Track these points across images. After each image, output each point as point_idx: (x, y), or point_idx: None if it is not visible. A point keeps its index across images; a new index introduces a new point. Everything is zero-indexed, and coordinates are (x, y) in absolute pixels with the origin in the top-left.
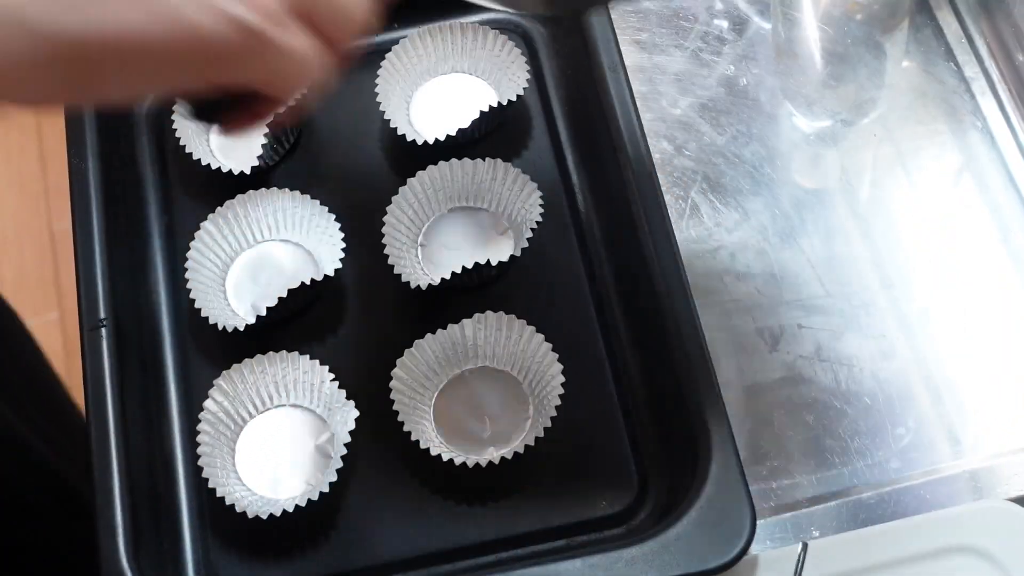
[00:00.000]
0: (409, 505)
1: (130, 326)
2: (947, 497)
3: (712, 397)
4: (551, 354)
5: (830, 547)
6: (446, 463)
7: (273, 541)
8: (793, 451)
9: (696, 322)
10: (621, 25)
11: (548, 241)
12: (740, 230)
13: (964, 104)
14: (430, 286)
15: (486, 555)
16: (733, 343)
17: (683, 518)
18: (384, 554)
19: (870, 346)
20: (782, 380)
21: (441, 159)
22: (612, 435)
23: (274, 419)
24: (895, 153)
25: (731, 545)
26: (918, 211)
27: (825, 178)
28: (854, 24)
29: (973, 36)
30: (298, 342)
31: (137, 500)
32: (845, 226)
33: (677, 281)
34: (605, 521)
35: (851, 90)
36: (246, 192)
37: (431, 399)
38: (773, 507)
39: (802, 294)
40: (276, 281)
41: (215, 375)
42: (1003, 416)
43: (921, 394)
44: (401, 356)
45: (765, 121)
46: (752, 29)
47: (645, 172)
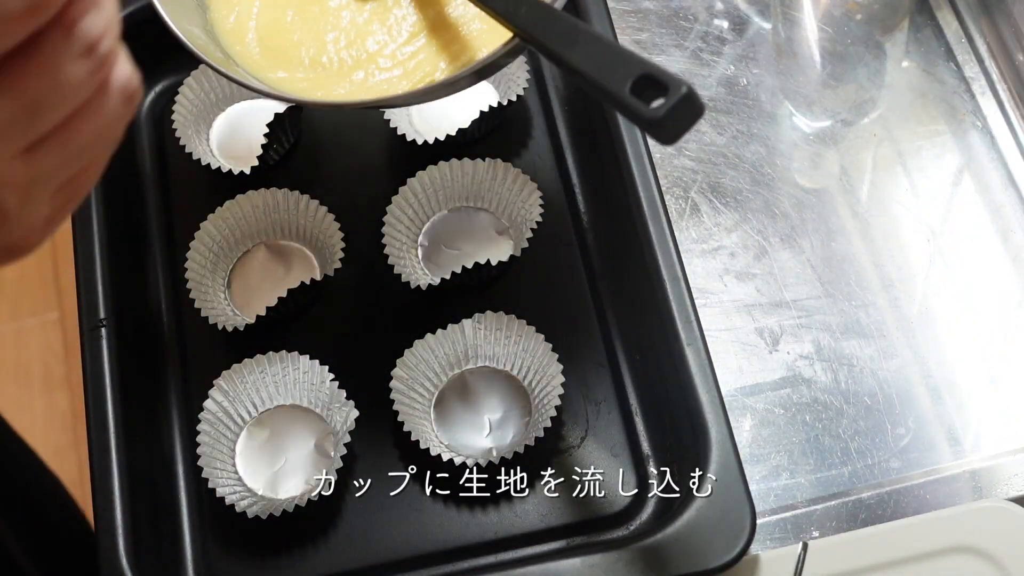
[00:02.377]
0: (409, 505)
1: (130, 326)
2: (947, 497)
3: (712, 397)
4: (551, 354)
5: (830, 547)
6: (446, 463)
7: (273, 541)
8: (793, 451)
9: (697, 322)
10: (621, 25)
11: (548, 241)
12: (740, 230)
13: (964, 104)
14: (430, 286)
15: (486, 555)
16: (733, 343)
17: (683, 518)
18: (384, 554)
19: (870, 346)
20: (782, 380)
21: (441, 159)
22: (612, 435)
23: (274, 419)
24: (895, 153)
25: (731, 545)
26: (918, 211)
27: (825, 178)
28: (854, 24)
29: (973, 36)
30: (298, 342)
31: (137, 500)
32: (845, 226)
33: (677, 281)
34: (605, 521)
35: (851, 90)
36: (246, 192)
37: (431, 399)
38: (773, 507)
39: (802, 294)
40: (276, 281)
41: (215, 375)
42: (1003, 416)
43: (921, 394)
44: (401, 356)
45: (765, 121)
46: (752, 29)
47: (645, 172)
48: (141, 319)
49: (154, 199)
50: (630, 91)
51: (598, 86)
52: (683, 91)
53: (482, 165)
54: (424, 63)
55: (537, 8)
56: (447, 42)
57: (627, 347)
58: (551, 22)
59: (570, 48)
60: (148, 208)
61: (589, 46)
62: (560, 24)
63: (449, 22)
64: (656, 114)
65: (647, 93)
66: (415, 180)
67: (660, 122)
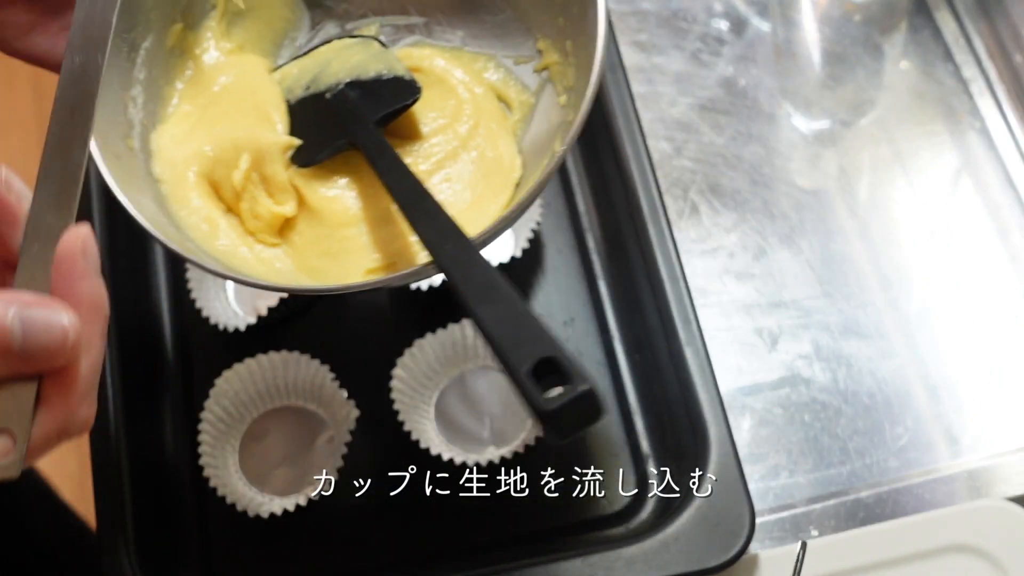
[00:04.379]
0: (409, 505)
1: (130, 326)
2: (946, 497)
3: (711, 397)
4: None
5: (829, 546)
6: (446, 463)
7: (273, 541)
8: (792, 450)
9: (696, 322)
10: (620, 26)
11: (548, 241)
12: (739, 230)
13: (962, 105)
14: (430, 286)
15: (486, 555)
16: (732, 343)
17: (683, 517)
18: (384, 554)
19: (869, 346)
20: (781, 380)
21: None
22: (612, 435)
23: (274, 419)
24: (893, 154)
25: (730, 544)
26: (916, 211)
27: (824, 178)
28: (852, 25)
29: (971, 37)
30: (298, 342)
31: (138, 500)
32: (844, 226)
33: (677, 281)
34: (605, 521)
35: (849, 91)
36: None
37: (431, 399)
38: (772, 506)
39: (801, 294)
40: None
41: (215, 375)
42: (1002, 416)
43: (920, 394)
44: (401, 356)
45: (764, 122)
46: (751, 30)
47: (644, 172)
48: (141, 319)
49: None
50: (530, 371)
51: (498, 354)
52: (583, 388)
53: None
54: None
55: (463, 249)
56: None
57: (627, 347)
58: (471, 270)
59: (481, 304)
60: None
61: (502, 308)
62: (480, 275)
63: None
64: (549, 405)
65: (548, 379)
66: None
67: (551, 415)
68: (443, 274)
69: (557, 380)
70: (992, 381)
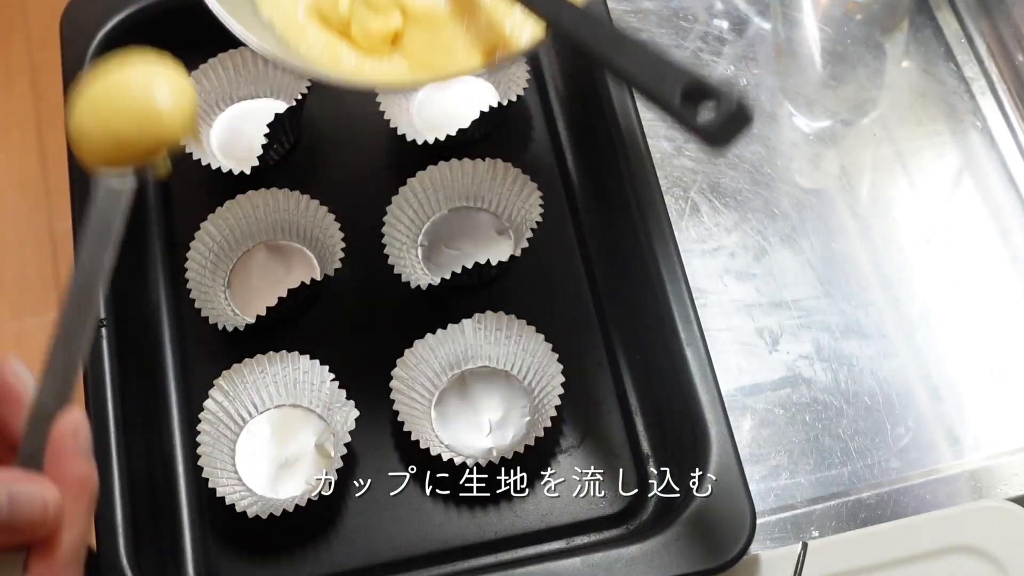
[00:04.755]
0: (409, 505)
1: (130, 326)
2: (947, 497)
3: (712, 397)
4: (551, 354)
5: (830, 547)
6: (446, 463)
7: (273, 541)
8: (793, 451)
9: (696, 322)
10: (621, 25)
11: (548, 241)
12: (740, 230)
13: (964, 104)
14: (430, 286)
15: (486, 555)
16: (733, 343)
17: (683, 518)
18: (384, 554)
19: (870, 346)
20: (782, 380)
21: (441, 159)
22: (612, 435)
23: (274, 419)
24: (895, 153)
25: (731, 545)
26: (918, 211)
27: (825, 178)
28: (854, 24)
29: (973, 36)
30: (298, 342)
31: (137, 500)
32: (845, 226)
33: (677, 281)
34: (605, 521)
35: (851, 90)
36: (246, 192)
37: (431, 399)
38: (773, 507)
39: (802, 294)
40: (276, 281)
41: (215, 375)
42: (1003, 416)
43: (921, 394)
44: (401, 356)
45: (765, 121)
46: (752, 29)
47: (645, 172)
48: (141, 319)
49: (154, 199)
50: (681, 99)
51: (646, 93)
52: (734, 99)
53: (482, 165)
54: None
55: (580, 15)
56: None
57: (627, 347)
58: (596, 30)
59: (618, 53)
60: (148, 208)
61: (638, 53)
62: (605, 32)
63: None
64: (708, 124)
65: (694, 100)
66: (415, 180)
67: (712, 131)
68: (570, 39)
69: (702, 101)
70: (993, 381)
